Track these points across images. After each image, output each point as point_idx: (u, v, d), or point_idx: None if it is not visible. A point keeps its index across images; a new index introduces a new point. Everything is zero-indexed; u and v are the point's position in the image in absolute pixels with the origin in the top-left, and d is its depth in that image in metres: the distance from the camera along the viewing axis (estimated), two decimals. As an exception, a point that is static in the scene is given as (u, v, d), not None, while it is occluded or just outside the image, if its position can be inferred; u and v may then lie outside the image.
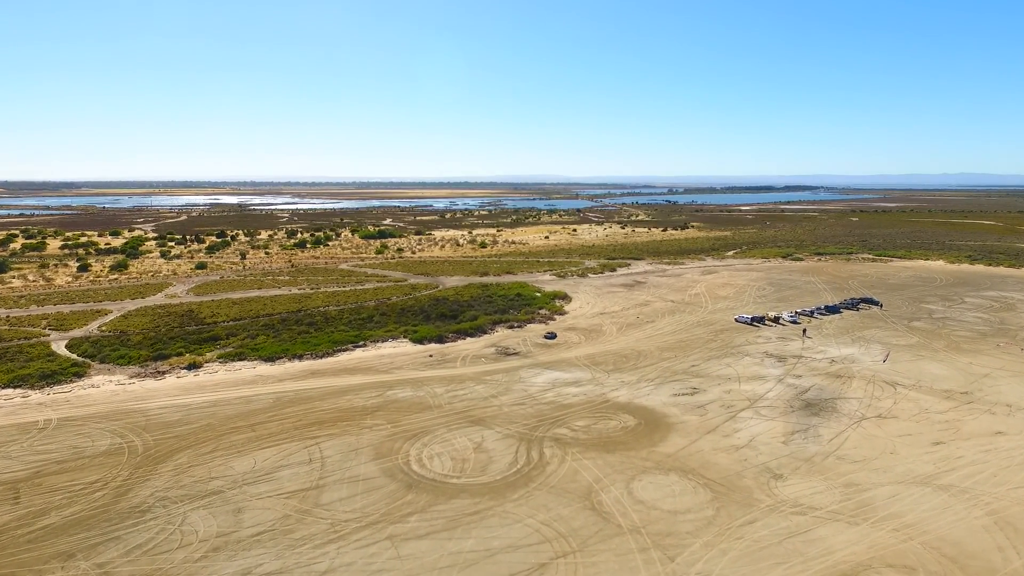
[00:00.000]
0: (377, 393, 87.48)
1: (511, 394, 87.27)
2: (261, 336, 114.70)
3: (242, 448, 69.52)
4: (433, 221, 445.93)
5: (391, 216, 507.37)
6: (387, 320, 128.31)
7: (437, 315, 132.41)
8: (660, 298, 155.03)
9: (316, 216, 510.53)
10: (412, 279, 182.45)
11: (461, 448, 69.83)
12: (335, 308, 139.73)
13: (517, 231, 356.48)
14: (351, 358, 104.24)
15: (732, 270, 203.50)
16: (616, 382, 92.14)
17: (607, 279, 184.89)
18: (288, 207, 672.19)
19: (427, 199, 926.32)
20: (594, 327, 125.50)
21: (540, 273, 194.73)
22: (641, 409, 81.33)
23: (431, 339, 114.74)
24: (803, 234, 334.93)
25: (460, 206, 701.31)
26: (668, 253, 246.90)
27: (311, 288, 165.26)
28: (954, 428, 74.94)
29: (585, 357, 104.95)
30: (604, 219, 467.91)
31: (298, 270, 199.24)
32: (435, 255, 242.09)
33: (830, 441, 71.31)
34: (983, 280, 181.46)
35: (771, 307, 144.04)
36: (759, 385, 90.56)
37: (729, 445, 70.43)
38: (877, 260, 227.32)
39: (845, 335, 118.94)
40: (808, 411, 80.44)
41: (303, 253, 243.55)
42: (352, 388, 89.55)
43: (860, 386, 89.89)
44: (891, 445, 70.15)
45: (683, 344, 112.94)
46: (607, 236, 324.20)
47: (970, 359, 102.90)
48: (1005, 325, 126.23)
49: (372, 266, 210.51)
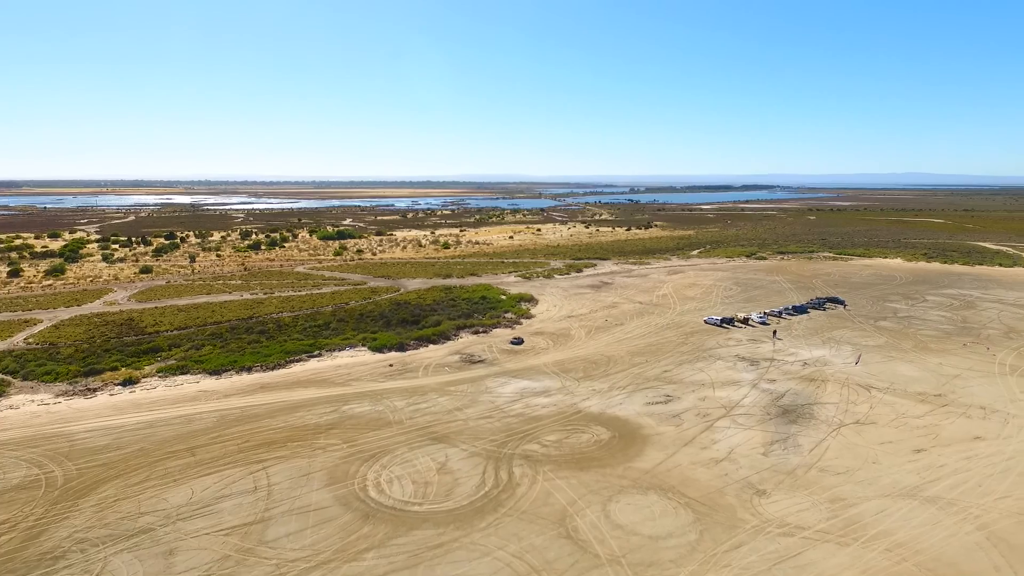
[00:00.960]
0: (332, 408, 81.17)
1: (477, 406, 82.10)
2: (207, 346, 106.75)
3: (179, 476, 62.58)
4: (395, 221, 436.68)
5: (351, 216, 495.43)
6: (345, 327, 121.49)
7: (398, 321, 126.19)
8: (628, 299, 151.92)
9: (273, 216, 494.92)
10: (372, 282, 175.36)
11: (423, 469, 64.36)
12: (289, 314, 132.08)
13: (481, 231, 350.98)
14: (305, 369, 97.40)
15: (698, 270, 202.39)
16: (587, 391, 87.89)
17: (574, 280, 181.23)
18: (244, 207, 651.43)
19: (389, 199, 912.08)
20: (562, 331, 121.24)
21: (505, 274, 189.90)
22: (614, 420, 77.18)
23: (391, 347, 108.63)
24: (764, 233, 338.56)
25: (423, 206, 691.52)
26: (633, 253, 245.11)
27: (264, 293, 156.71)
28: (933, 434, 72.98)
29: (554, 364, 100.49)
30: (568, 219, 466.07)
31: (251, 273, 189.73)
32: (396, 256, 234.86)
33: (811, 451, 68.36)
34: (941, 278, 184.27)
35: (739, 308, 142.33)
36: (734, 391, 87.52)
37: (708, 458, 66.76)
38: (838, 259, 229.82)
39: (815, 336, 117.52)
40: (786, 418, 77.58)
41: (257, 255, 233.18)
42: (305, 403, 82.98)
43: (835, 390, 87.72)
44: (873, 454, 67.58)
45: (654, 348, 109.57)
46: (572, 236, 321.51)
47: (939, 359, 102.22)
48: (968, 324, 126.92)
49: (330, 268, 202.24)
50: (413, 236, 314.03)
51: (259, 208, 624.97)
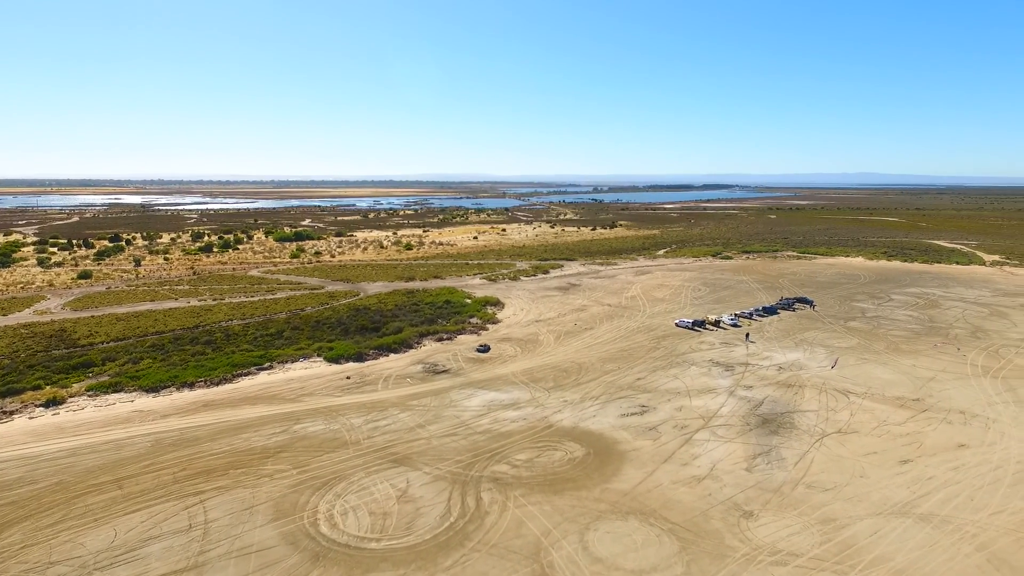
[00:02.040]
0: (282, 428, 74.23)
1: (441, 422, 76.27)
2: (146, 360, 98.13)
3: (101, 514, 55.10)
4: (355, 221, 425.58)
5: (310, 216, 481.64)
6: (299, 335, 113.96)
7: (357, 328, 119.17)
8: (597, 302, 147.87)
9: (228, 217, 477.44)
10: (330, 286, 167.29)
11: (382, 498, 58.30)
12: (239, 322, 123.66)
13: (444, 231, 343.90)
14: (253, 384, 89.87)
15: (665, 270, 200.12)
16: (558, 402, 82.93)
17: (540, 282, 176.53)
18: (197, 207, 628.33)
19: (350, 199, 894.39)
20: (530, 336, 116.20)
21: (470, 277, 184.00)
22: (588, 435, 72.36)
23: (349, 357, 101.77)
24: (728, 232, 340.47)
25: (384, 205, 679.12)
26: (600, 253, 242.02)
27: (213, 299, 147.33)
28: (917, 442, 70.32)
29: (522, 373, 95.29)
30: (533, 218, 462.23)
31: (200, 278, 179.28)
32: (357, 258, 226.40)
33: (796, 465, 64.73)
34: (903, 276, 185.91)
35: (709, 309, 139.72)
36: (711, 400, 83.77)
37: (690, 476, 62.45)
38: (802, 257, 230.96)
39: (787, 338, 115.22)
40: (766, 429, 74.02)
41: (208, 258, 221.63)
42: (252, 423, 75.80)
43: (813, 396, 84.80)
44: (859, 467, 64.32)
45: (625, 354, 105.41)
46: (537, 236, 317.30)
47: (912, 361, 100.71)
48: (935, 323, 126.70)
49: (286, 272, 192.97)
50: (374, 237, 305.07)
51: (214, 208, 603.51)
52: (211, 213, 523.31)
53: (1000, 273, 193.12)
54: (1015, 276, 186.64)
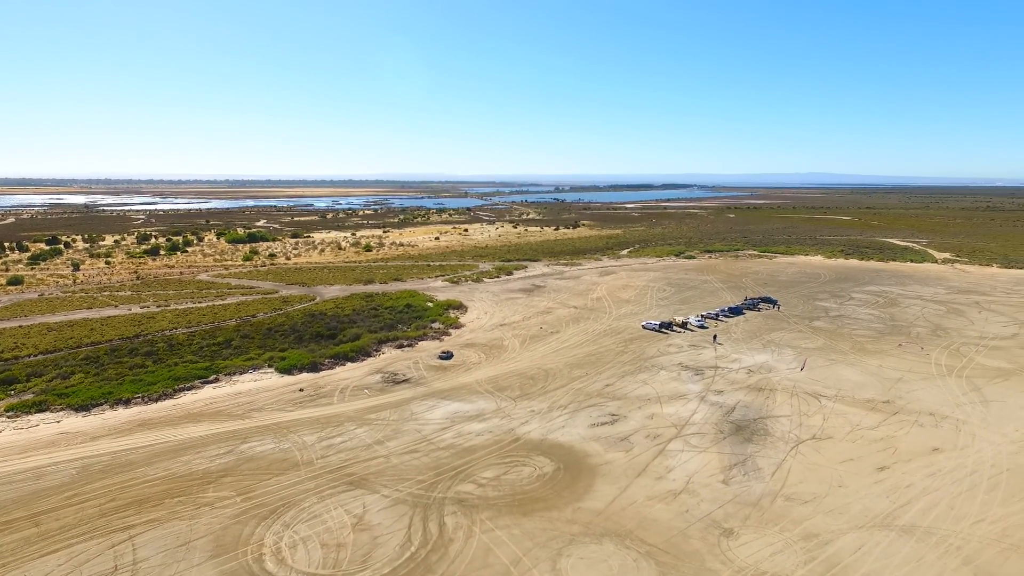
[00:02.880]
0: (227, 449, 68.27)
1: (401, 438, 71.44)
2: (78, 374, 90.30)
3: (10, 558, 48.63)
4: (313, 222, 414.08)
5: (266, 217, 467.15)
6: (249, 344, 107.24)
7: (312, 335, 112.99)
8: (562, 304, 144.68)
9: (178, 218, 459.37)
10: (284, 290, 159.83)
11: (336, 526, 53.29)
12: (184, 331, 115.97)
13: (405, 232, 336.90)
14: (197, 399, 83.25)
15: (629, 270, 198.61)
16: (525, 412, 79.01)
17: (504, 284, 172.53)
18: (146, 207, 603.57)
19: (307, 198, 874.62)
20: (494, 342, 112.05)
21: (431, 279, 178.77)
22: (557, 448, 68.62)
23: (303, 367, 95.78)
24: (689, 231, 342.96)
25: (343, 205, 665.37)
26: (564, 253, 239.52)
27: (157, 305, 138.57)
28: (891, 447, 68.84)
29: (487, 381, 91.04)
30: (495, 218, 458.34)
31: (145, 283, 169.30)
32: (313, 261, 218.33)
33: (773, 476, 62.26)
34: (861, 275, 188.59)
35: (675, 310, 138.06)
36: (682, 406, 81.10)
37: (665, 491, 59.28)
38: (763, 256, 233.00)
39: (754, 339, 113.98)
40: (740, 436, 71.59)
41: (154, 262, 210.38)
42: (194, 443, 69.59)
43: (785, 400, 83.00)
44: (837, 475, 62.25)
45: (593, 358, 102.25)
46: (500, 236, 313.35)
47: (879, 361, 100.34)
48: (896, 322, 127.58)
49: (238, 276, 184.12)
50: (332, 238, 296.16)
51: (163, 209, 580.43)
52: (160, 214, 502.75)
53: (952, 271, 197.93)
54: (967, 274, 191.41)
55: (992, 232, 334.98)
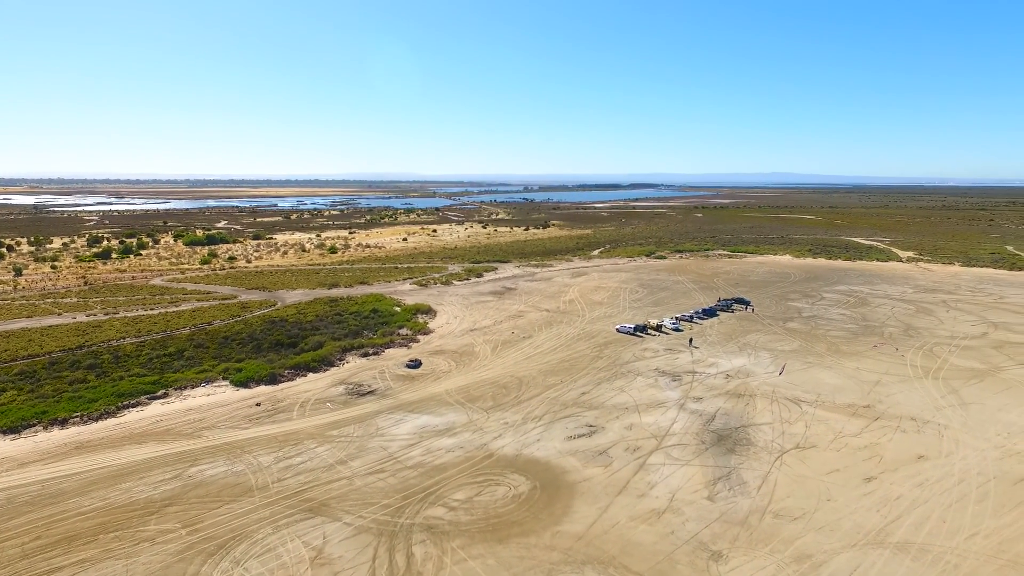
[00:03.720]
0: (173, 473, 62.52)
1: (366, 456, 66.61)
2: (11, 391, 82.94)
3: (-87, 612, 42.56)
4: (276, 223, 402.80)
5: (227, 218, 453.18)
6: (203, 355, 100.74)
7: (271, 344, 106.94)
8: (534, 307, 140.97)
9: (135, 219, 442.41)
10: (244, 295, 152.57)
11: (292, 561, 48.39)
12: (133, 340, 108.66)
13: (372, 233, 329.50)
14: (143, 417, 76.91)
15: (601, 271, 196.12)
16: (498, 425, 74.89)
17: (474, 286, 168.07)
18: (100, 208, 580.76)
19: (272, 198, 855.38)
20: (465, 348, 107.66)
21: (399, 282, 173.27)
22: (533, 464, 64.69)
23: (260, 379, 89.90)
24: (658, 231, 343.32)
25: (308, 205, 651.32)
26: (534, 254, 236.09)
27: (105, 313, 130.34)
28: (877, 455, 66.76)
29: (457, 391, 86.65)
30: (464, 218, 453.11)
31: (93, 288, 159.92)
32: (275, 264, 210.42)
33: (759, 490, 59.39)
34: (829, 274, 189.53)
35: (649, 312, 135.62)
36: (661, 415, 78.01)
37: (648, 510, 55.83)
38: (733, 256, 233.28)
39: (730, 342, 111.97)
40: (722, 447, 68.72)
41: (105, 266, 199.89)
42: (136, 468, 63.62)
43: (765, 407, 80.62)
44: (824, 488, 59.69)
45: (567, 364, 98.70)
46: (469, 237, 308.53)
47: (855, 363, 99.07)
48: (868, 322, 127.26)
49: (194, 280, 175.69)
50: (296, 240, 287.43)
51: (119, 210, 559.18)
52: (115, 215, 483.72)
53: (917, 269, 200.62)
54: (931, 272, 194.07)
55: (950, 231, 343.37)
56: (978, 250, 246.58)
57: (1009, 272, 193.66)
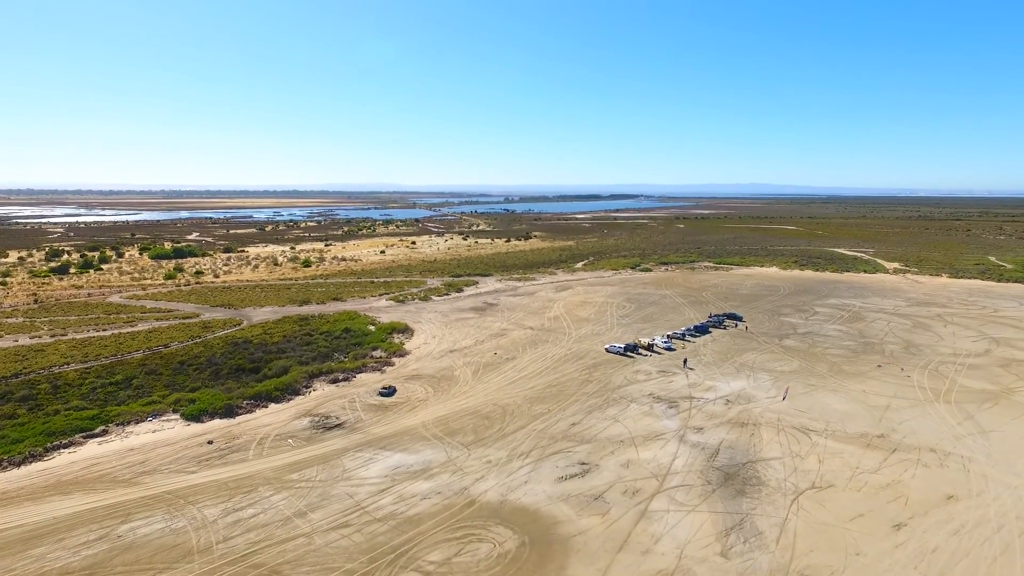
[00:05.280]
0: (100, 533, 53.48)
1: (329, 506, 58.16)
2: (-75, 430, 72.83)
3: None
4: (250, 235, 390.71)
5: (200, 229, 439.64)
6: (155, 383, 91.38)
7: (231, 370, 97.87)
8: (517, 324, 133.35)
9: (102, 231, 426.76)
10: (207, 314, 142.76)
11: (231, 652, 39.87)
12: (78, 367, 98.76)
13: (349, 245, 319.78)
14: (74, 461, 67.55)
15: (586, 285, 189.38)
16: (480, 464, 66.94)
17: (454, 302, 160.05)
18: (67, 220, 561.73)
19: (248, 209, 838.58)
20: (444, 372, 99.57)
21: (375, 298, 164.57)
22: (521, 514, 56.81)
23: (215, 412, 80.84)
24: (641, 242, 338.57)
25: (285, 217, 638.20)
26: (516, 267, 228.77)
27: (51, 335, 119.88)
28: (902, 496, 60.07)
29: (435, 423, 78.52)
30: (445, 230, 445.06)
31: (44, 307, 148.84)
32: (245, 279, 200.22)
33: (778, 543, 52.19)
34: (819, 287, 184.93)
35: (639, 329, 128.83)
36: (660, 449, 70.70)
37: (655, 572, 48.27)
38: (719, 268, 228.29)
39: (726, 363, 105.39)
40: (731, 489, 61.53)
41: (61, 282, 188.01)
42: (56, 526, 54.43)
43: (772, 438, 73.78)
44: (850, 539, 52.69)
45: (555, 390, 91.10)
46: (449, 249, 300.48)
47: (861, 385, 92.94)
48: (866, 338, 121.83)
49: (155, 297, 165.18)
50: (269, 253, 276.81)
51: (87, 221, 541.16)
52: (82, 227, 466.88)
53: (905, 281, 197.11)
54: (920, 284, 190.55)
55: (931, 241, 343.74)
56: (963, 261, 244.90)
57: (998, 284, 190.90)
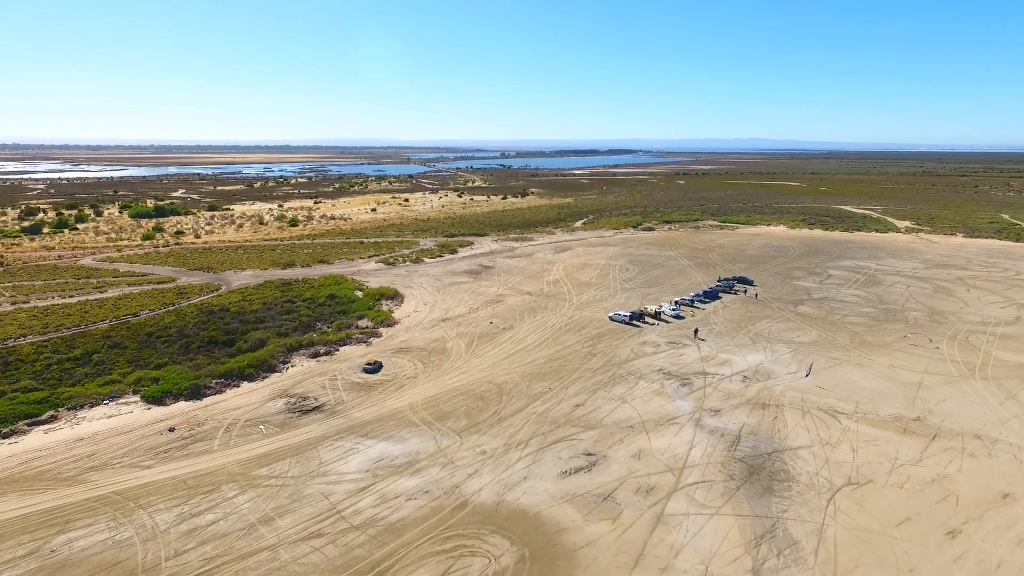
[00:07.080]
0: (30, 547, 46.10)
1: (300, 510, 50.82)
2: None
3: None
4: (237, 192, 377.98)
5: (186, 186, 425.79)
6: (118, 358, 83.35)
7: (204, 342, 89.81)
8: (514, 289, 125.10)
9: (85, 187, 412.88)
10: (184, 278, 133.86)
11: None
12: (35, 339, 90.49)
13: (339, 203, 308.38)
14: (12, 454, 59.83)
15: (586, 245, 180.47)
16: (473, 455, 59.59)
17: (447, 265, 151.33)
18: (49, 176, 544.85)
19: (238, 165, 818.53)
20: (435, 344, 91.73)
21: (363, 260, 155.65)
22: (519, 518, 49.62)
23: (180, 392, 72.99)
24: (641, 199, 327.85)
25: (275, 173, 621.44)
26: (513, 226, 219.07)
27: (12, 303, 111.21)
28: (951, 494, 53.05)
29: (424, 404, 70.99)
30: (439, 186, 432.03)
31: (8, 271, 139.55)
32: (228, 239, 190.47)
33: (817, 555, 45.20)
34: (830, 247, 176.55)
35: (643, 294, 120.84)
36: (674, 436, 63.41)
37: (676, 595, 41.26)
38: (724, 227, 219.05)
39: (739, 332, 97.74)
40: (757, 485, 54.37)
41: (32, 243, 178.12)
42: (-17, 537, 47.03)
43: (797, 422, 66.53)
44: (899, 551, 45.73)
45: (556, 365, 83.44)
46: (444, 207, 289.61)
47: (888, 359, 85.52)
48: (886, 304, 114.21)
49: (130, 259, 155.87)
50: (255, 211, 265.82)
51: (70, 178, 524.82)
52: (64, 183, 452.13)
53: (920, 241, 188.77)
54: (936, 244, 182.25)
55: (939, 198, 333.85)
56: (975, 219, 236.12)
57: (1017, 244, 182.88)
